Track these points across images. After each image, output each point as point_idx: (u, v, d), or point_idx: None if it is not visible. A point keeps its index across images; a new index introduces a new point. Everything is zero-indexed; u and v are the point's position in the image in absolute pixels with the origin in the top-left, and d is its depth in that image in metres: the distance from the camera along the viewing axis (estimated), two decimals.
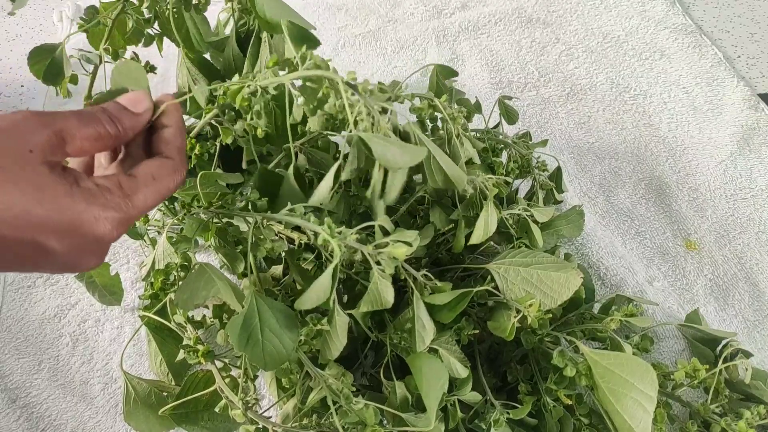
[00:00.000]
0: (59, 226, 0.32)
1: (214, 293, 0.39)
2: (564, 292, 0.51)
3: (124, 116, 0.38)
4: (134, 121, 0.38)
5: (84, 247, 0.34)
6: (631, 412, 0.45)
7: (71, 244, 0.33)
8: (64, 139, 0.34)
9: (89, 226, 0.33)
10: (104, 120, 0.36)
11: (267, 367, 0.39)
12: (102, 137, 0.36)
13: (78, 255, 0.34)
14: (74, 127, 0.34)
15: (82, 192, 0.33)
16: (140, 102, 0.39)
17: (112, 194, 0.35)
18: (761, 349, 0.73)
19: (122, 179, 0.36)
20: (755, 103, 0.96)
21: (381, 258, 0.39)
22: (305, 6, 1.14)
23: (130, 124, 0.38)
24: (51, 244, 0.32)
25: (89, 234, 0.33)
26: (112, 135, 0.36)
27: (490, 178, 0.54)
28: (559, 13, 1.11)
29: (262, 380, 0.66)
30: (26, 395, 0.67)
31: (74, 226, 0.33)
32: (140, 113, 0.39)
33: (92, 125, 0.35)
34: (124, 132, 0.37)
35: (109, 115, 0.37)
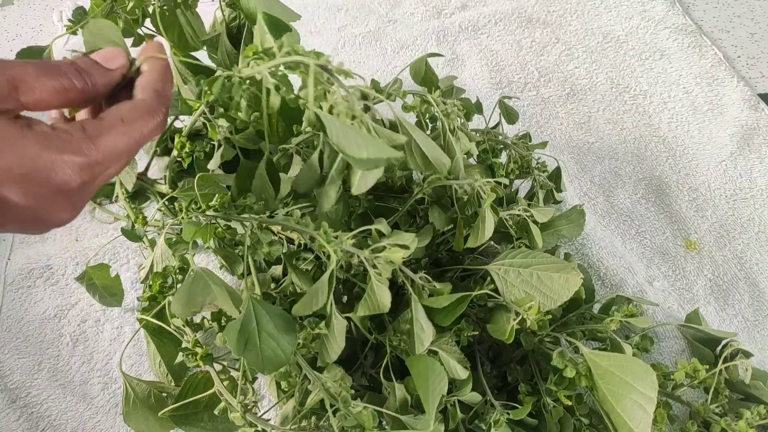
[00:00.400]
0: (13, 175, 0.30)
1: (211, 300, 0.39)
2: (564, 292, 0.51)
3: (95, 71, 0.35)
4: (106, 77, 0.36)
5: (47, 197, 0.32)
6: (631, 413, 0.45)
7: (32, 194, 0.31)
8: (17, 87, 0.31)
9: (46, 171, 0.31)
10: (70, 73, 0.34)
11: (265, 371, 0.38)
12: (66, 90, 0.33)
13: (43, 207, 0.32)
14: (31, 76, 0.32)
15: (34, 135, 0.31)
16: (114, 58, 0.37)
17: (72, 136, 0.32)
18: (761, 349, 0.73)
19: (86, 123, 0.33)
20: (755, 103, 0.96)
21: (378, 262, 0.39)
22: (305, 6, 1.14)
23: (101, 80, 0.35)
24: (9, 196, 0.30)
25: (48, 181, 0.31)
26: (78, 88, 0.34)
27: (488, 182, 0.54)
28: (559, 13, 1.11)
29: (262, 380, 0.66)
30: (26, 395, 0.67)
31: (29, 172, 0.30)
32: (113, 69, 0.36)
33: (55, 77, 0.33)
34: (93, 87, 0.35)
35: (77, 68, 0.34)
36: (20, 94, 0.31)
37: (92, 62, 0.36)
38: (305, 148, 0.54)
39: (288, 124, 0.51)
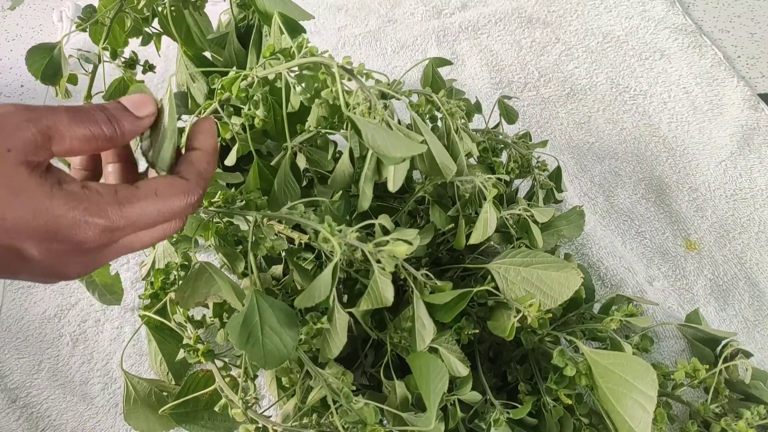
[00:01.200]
0: (36, 231, 0.30)
1: (215, 291, 0.39)
2: (564, 291, 0.51)
3: (124, 118, 0.35)
4: (134, 124, 0.35)
5: (64, 253, 0.31)
6: (631, 412, 0.45)
7: (50, 250, 0.31)
8: (51, 137, 0.31)
9: (68, 230, 0.30)
10: (100, 120, 0.33)
11: (267, 366, 0.38)
12: (95, 138, 0.33)
13: (59, 262, 0.32)
14: (64, 125, 0.31)
15: (64, 194, 0.31)
16: (144, 105, 0.36)
17: (102, 199, 0.32)
18: (761, 349, 0.73)
19: (120, 187, 0.33)
20: (755, 103, 0.96)
21: (381, 256, 0.39)
22: (305, 6, 1.13)
23: (129, 128, 0.35)
24: (28, 250, 0.30)
25: (69, 239, 0.31)
26: (107, 136, 0.33)
27: (489, 178, 0.54)
28: (559, 13, 1.11)
29: (263, 380, 0.66)
30: (26, 395, 0.67)
31: (52, 230, 0.30)
32: (142, 117, 0.36)
33: (86, 124, 0.32)
34: (122, 135, 0.34)
35: (107, 114, 0.34)
36: (53, 144, 0.31)
37: (122, 108, 0.35)
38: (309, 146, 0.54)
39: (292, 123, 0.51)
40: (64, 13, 1.09)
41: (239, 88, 0.40)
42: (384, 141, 0.35)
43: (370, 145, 0.34)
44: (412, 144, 0.36)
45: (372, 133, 0.35)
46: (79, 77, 0.68)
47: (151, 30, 0.62)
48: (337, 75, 0.37)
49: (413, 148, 0.36)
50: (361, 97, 0.38)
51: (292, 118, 0.52)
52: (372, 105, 0.38)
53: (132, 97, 0.36)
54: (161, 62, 0.85)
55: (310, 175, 0.60)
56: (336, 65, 0.37)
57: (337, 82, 0.37)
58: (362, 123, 0.35)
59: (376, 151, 0.35)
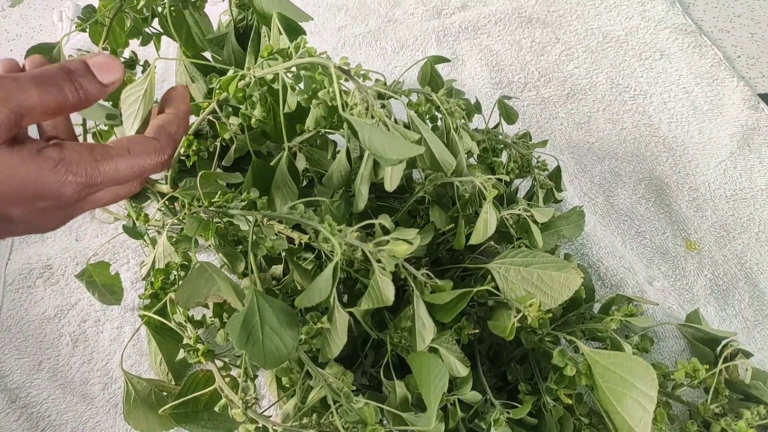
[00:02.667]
0: (24, 198, 0.32)
1: (215, 291, 0.39)
2: (564, 291, 0.51)
3: (90, 84, 0.35)
4: (99, 91, 0.36)
5: (46, 210, 0.34)
6: (631, 412, 0.45)
7: (34, 209, 0.33)
8: (22, 115, 0.32)
9: (51, 191, 0.33)
10: (67, 89, 0.34)
11: (267, 366, 0.38)
12: (62, 107, 0.34)
13: (41, 218, 0.34)
14: (35, 100, 0.32)
15: (44, 160, 0.33)
16: (110, 70, 0.36)
17: (79, 158, 0.34)
18: (761, 349, 0.73)
19: (94, 145, 0.35)
20: (755, 103, 0.96)
21: (381, 256, 0.39)
22: (305, 6, 1.13)
23: (94, 94, 0.36)
24: (13, 213, 0.33)
25: (52, 197, 0.33)
26: (72, 104, 0.35)
27: (489, 178, 0.54)
28: (559, 13, 1.11)
29: (262, 380, 0.66)
30: (26, 395, 0.67)
31: (38, 194, 0.33)
32: (107, 85, 0.36)
33: (53, 95, 0.33)
34: (86, 101, 0.35)
35: (74, 83, 0.34)
36: (24, 120, 0.32)
37: (87, 72, 0.36)
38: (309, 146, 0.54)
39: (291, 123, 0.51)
40: (64, 13, 1.09)
41: (236, 88, 0.40)
42: (381, 142, 0.35)
43: (367, 146, 0.35)
44: (408, 145, 0.36)
45: (369, 134, 0.35)
46: None
47: (151, 30, 0.62)
48: (334, 75, 0.37)
49: (410, 150, 0.36)
50: (358, 98, 0.38)
51: (292, 118, 0.52)
52: (369, 105, 0.38)
53: (98, 60, 0.36)
54: (161, 62, 0.85)
55: (311, 175, 0.60)
56: (333, 66, 0.37)
57: (334, 82, 0.37)
58: (359, 124, 0.35)
59: (373, 152, 0.35)
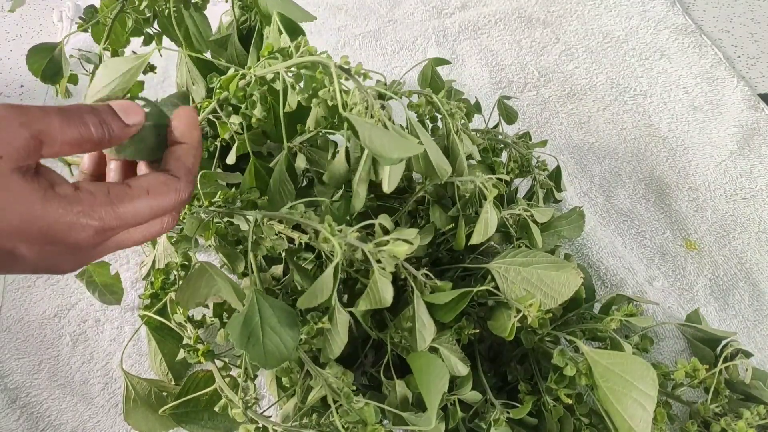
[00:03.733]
0: (30, 235, 0.30)
1: (215, 291, 0.39)
2: (564, 291, 0.51)
3: (114, 123, 0.34)
4: (123, 131, 0.35)
5: (58, 254, 0.32)
6: (631, 412, 0.45)
7: (43, 251, 0.31)
8: (42, 142, 0.31)
9: (63, 234, 0.31)
10: (91, 123, 0.33)
11: (268, 366, 0.38)
12: (84, 141, 0.33)
13: (52, 260, 0.32)
14: (56, 129, 0.31)
15: (57, 198, 0.31)
16: (133, 113, 0.36)
17: (95, 200, 0.32)
18: (761, 349, 0.73)
19: (112, 186, 0.33)
20: (755, 103, 0.96)
21: (381, 256, 0.39)
22: (305, 6, 1.14)
23: (117, 133, 0.35)
24: (20, 251, 0.30)
25: (63, 241, 0.31)
26: (95, 140, 0.33)
27: (490, 178, 0.54)
28: (559, 13, 1.11)
29: (262, 380, 0.66)
30: (26, 395, 0.67)
31: (46, 234, 0.30)
32: (130, 125, 0.35)
33: (77, 127, 0.32)
34: (109, 140, 0.34)
35: (98, 118, 0.34)
36: (44, 148, 0.31)
37: (112, 113, 0.35)
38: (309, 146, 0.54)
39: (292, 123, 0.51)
40: (64, 13, 1.09)
41: (237, 87, 0.40)
42: (381, 141, 0.35)
43: (367, 145, 0.34)
44: (409, 144, 0.36)
45: (369, 133, 0.35)
46: (80, 77, 0.69)
47: (152, 30, 0.62)
48: (335, 74, 0.36)
49: (410, 149, 0.35)
50: (359, 97, 0.38)
51: (292, 118, 0.51)
52: (369, 105, 0.38)
53: (121, 103, 0.36)
54: (162, 62, 0.85)
55: (311, 175, 0.60)
56: (333, 65, 0.37)
57: (334, 81, 0.37)
58: (359, 122, 0.35)
59: (373, 151, 0.34)
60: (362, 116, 0.37)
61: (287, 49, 0.39)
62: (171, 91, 0.69)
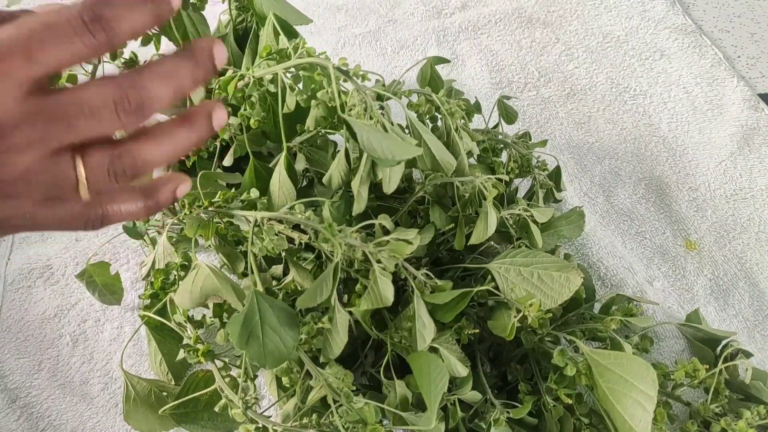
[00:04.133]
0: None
1: (215, 292, 0.39)
2: (564, 291, 0.51)
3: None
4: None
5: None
6: (631, 412, 0.45)
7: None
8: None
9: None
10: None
11: (267, 366, 0.38)
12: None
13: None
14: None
15: None
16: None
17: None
18: (761, 349, 0.73)
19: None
20: (755, 103, 0.96)
21: (381, 256, 0.39)
22: (305, 6, 1.14)
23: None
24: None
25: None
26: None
27: (490, 178, 0.54)
28: (559, 13, 1.11)
29: (262, 380, 0.66)
30: (26, 395, 0.67)
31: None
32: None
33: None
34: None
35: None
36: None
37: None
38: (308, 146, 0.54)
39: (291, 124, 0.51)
40: None
41: (235, 88, 0.40)
42: (379, 143, 0.35)
43: (365, 148, 0.34)
44: (407, 146, 0.36)
45: (367, 136, 0.35)
46: (79, 77, 0.68)
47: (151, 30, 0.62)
48: (333, 76, 0.37)
49: (408, 151, 0.36)
50: (357, 99, 0.38)
51: (291, 118, 0.52)
52: (368, 106, 0.38)
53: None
54: None
55: (311, 175, 0.60)
56: (332, 66, 0.37)
57: (332, 83, 0.37)
58: (357, 125, 0.35)
59: (371, 153, 0.35)
60: (361, 117, 0.37)
61: (285, 50, 0.39)
62: None
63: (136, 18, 0.27)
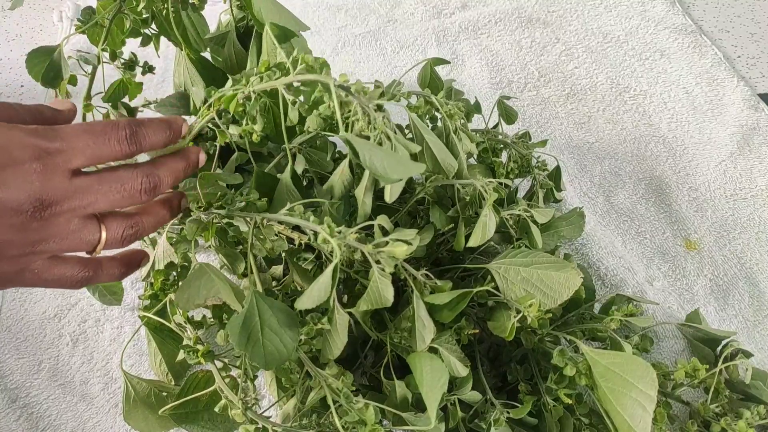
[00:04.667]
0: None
1: (215, 293, 0.39)
2: (564, 291, 0.51)
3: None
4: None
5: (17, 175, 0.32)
6: (631, 412, 0.45)
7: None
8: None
9: (6, 147, 0.32)
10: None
11: (267, 367, 0.38)
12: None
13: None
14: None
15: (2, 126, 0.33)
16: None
17: (37, 129, 0.34)
18: (761, 349, 0.73)
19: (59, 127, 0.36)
20: (755, 103, 0.96)
21: (381, 257, 0.39)
22: (305, 6, 1.14)
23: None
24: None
25: (10, 162, 0.32)
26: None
27: (490, 182, 0.54)
28: (559, 13, 1.11)
29: (262, 380, 0.66)
30: (26, 395, 0.67)
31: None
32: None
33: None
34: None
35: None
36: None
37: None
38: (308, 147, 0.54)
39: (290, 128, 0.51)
40: (64, 13, 1.09)
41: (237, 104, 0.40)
42: (381, 162, 0.35)
43: (367, 166, 0.35)
44: (409, 164, 0.36)
45: (369, 154, 0.35)
46: (79, 78, 0.68)
47: (150, 31, 0.62)
48: (334, 93, 0.36)
49: (411, 169, 0.36)
50: (360, 113, 0.38)
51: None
52: (371, 119, 0.38)
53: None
54: (160, 63, 0.85)
55: (310, 176, 0.60)
56: (333, 83, 0.37)
57: (333, 99, 0.37)
58: (359, 143, 0.35)
59: (373, 172, 0.35)
60: (364, 131, 0.37)
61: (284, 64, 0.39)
62: (170, 91, 0.69)
63: (159, 137, 0.39)
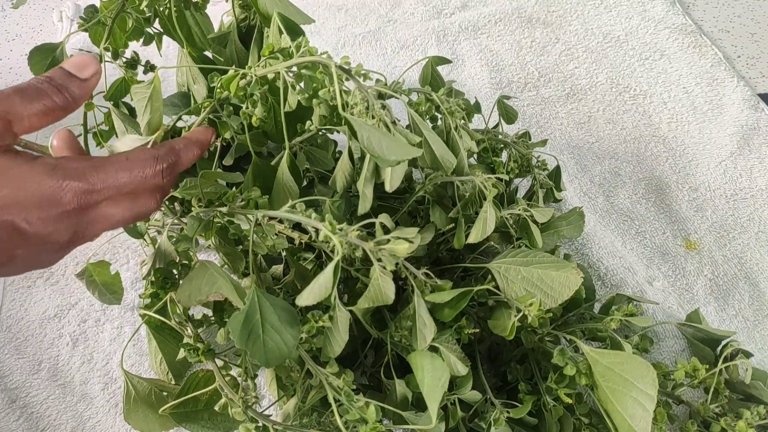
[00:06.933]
0: (24, 202, 0.32)
1: (216, 289, 0.39)
2: (564, 291, 0.51)
3: (71, 84, 0.37)
4: (82, 88, 0.37)
5: (52, 220, 0.33)
6: (631, 412, 0.45)
7: (39, 219, 0.33)
8: (10, 122, 0.33)
9: (51, 195, 0.33)
10: (50, 91, 0.35)
11: (268, 364, 0.38)
12: (50, 110, 0.35)
13: (49, 230, 0.34)
14: (19, 106, 0.34)
15: (41, 165, 0.33)
16: (87, 66, 0.38)
17: (78, 165, 0.34)
18: (761, 349, 0.73)
19: (95, 157, 0.36)
20: (755, 103, 0.97)
21: (382, 255, 0.39)
22: (305, 6, 1.13)
23: (78, 92, 0.37)
24: (20, 223, 0.32)
25: (52, 203, 0.33)
26: (60, 106, 0.36)
27: (489, 178, 0.54)
28: (559, 13, 1.11)
29: (263, 379, 0.66)
30: (26, 395, 0.67)
31: (39, 199, 0.32)
32: (87, 79, 0.38)
33: (38, 100, 0.35)
34: (73, 101, 0.37)
35: (55, 85, 0.36)
36: (14, 126, 0.33)
37: (67, 74, 0.37)
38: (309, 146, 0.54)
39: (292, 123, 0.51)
40: (64, 13, 1.09)
41: (237, 87, 0.40)
42: (379, 143, 0.35)
43: (366, 147, 0.35)
44: (407, 147, 0.36)
45: (367, 135, 0.35)
46: None
47: (153, 30, 0.62)
48: (335, 75, 0.37)
49: (409, 152, 0.36)
50: (359, 98, 0.38)
51: (292, 118, 0.52)
52: (370, 105, 0.38)
53: (73, 60, 0.38)
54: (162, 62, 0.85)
55: (311, 175, 0.60)
56: (334, 65, 0.37)
57: (334, 82, 0.37)
58: (358, 124, 0.35)
59: (371, 153, 0.35)
60: (363, 116, 0.37)
61: (288, 49, 0.39)
62: (171, 91, 0.69)
63: (190, 157, 0.42)
